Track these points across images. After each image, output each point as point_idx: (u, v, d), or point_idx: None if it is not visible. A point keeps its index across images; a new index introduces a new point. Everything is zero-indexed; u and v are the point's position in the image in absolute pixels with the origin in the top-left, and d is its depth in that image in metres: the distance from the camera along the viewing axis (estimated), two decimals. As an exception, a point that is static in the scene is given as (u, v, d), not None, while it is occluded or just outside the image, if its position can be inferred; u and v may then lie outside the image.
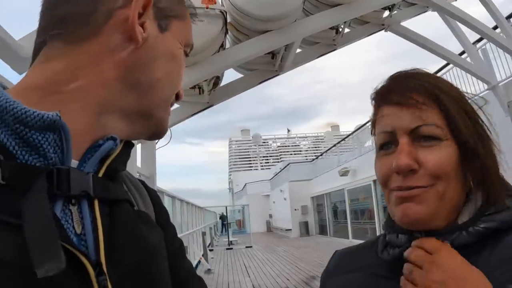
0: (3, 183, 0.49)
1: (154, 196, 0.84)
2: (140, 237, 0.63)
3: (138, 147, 5.97)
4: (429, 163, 0.77)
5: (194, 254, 15.91)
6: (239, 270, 14.64)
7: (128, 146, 0.71)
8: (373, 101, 0.92)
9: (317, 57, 7.26)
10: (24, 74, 0.64)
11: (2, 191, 0.49)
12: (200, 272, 14.46)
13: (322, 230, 28.74)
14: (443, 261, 0.73)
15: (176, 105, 6.52)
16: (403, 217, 0.79)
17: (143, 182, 0.84)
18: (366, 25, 7.48)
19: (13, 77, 2.92)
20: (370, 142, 20.35)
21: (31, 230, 0.46)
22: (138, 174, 5.96)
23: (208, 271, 14.84)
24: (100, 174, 0.62)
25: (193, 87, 5.91)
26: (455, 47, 8.91)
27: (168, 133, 5.57)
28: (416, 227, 0.80)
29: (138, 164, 6.21)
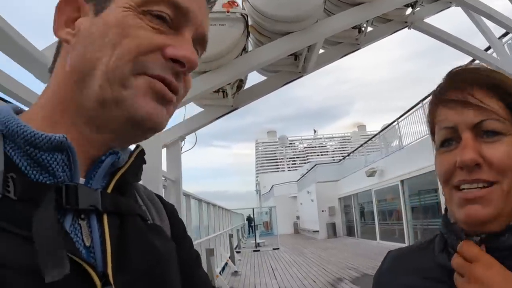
0: (15, 198, 0.53)
1: (170, 209, 0.86)
2: (149, 247, 0.65)
3: (163, 151, 6.02)
4: (494, 158, 0.76)
5: (221, 256, 15.98)
6: (266, 272, 14.63)
7: (140, 159, 0.73)
8: (432, 100, 0.91)
9: (341, 57, 7.21)
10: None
11: (14, 206, 0.53)
12: (227, 274, 14.56)
13: (350, 231, 28.50)
14: (481, 273, 0.73)
15: (200, 109, 6.57)
16: (468, 219, 0.78)
17: (160, 197, 0.86)
18: (389, 23, 7.41)
19: (40, 87, 2.99)
20: (396, 142, 20.12)
21: (40, 241, 0.50)
22: (163, 178, 6.02)
23: (235, 273, 14.88)
24: (110, 189, 0.65)
25: (217, 91, 5.94)
26: (480, 42, 8.73)
27: (193, 137, 5.61)
28: (478, 228, 0.79)
29: (164, 168, 6.27)
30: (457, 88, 0.83)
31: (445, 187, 0.84)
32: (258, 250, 24.04)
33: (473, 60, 11.29)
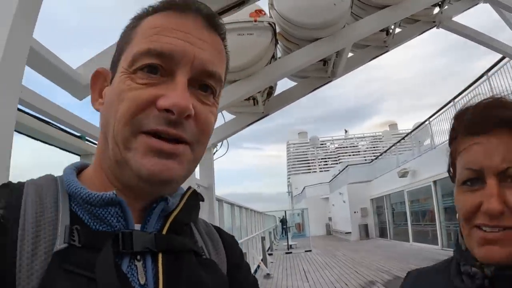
0: (80, 246, 0.65)
1: (228, 240, 0.94)
2: (199, 283, 0.73)
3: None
4: None
5: (253, 259, 16.02)
6: (298, 274, 14.61)
7: (193, 199, 0.82)
8: (455, 129, 0.93)
9: (369, 60, 7.16)
10: (84, 100, 0.88)
11: (80, 252, 0.64)
12: (259, 276, 14.56)
13: (382, 233, 28.17)
14: None
15: (231, 116, 6.67)
16: (486, 259, 0.81)
17: (218, 229, 0.96)
18: (417, 23, 7.30)
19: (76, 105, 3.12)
20: (428, 141, 19.79)
21: (101, 281, 0.61)
22: (197, 185, 6.13)
23: (267, 275, 14.89)
24: (165, 231, 0.75)
25: (248, 99, 6.02)
26: (508, 36, 8.48)
27: (225, 143, 5.69)
28: (495, 264, 0.81)
29: (197, 176, 6.38)
30: (483, 125, 0.83)
31: (465, 224, 0.86)
32: (291, 252, 23.99)
33: (503, 58, 11.09)
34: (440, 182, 17.11)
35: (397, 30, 7.04)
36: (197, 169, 6.48)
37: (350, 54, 6.61)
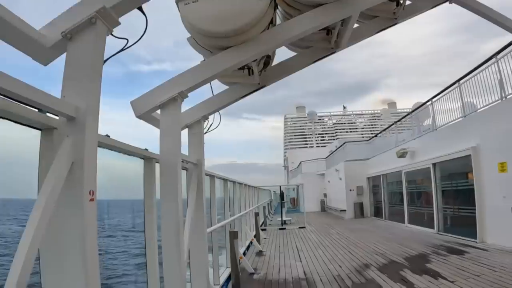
0: None
1: None
2: None
3: (183, 133, 5.69)
4: None
5: (246, 235, 15.79)
6: (291, 253, 14.33)
7: None
8: None
9: (376, 32, 6.75)
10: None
11: None
12: (251, 253, 14.36)
13: (377, 212, 27.98)
14: None
15: (224, 87, 6.18)
16: None
17: None
18: None
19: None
20: (429, 122, 19.40)
21: None
22: (184, 161, 5.70)
23: (260, 253, 14.66)
24: None
25: (242, 68, 5.52)
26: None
27: (217, 116, 5.25)
28: None
29: (186, 149, 5.95)
30: None
31: None
32: (284, 228, 23.80)
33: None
34: (439, 165, 16.78)
35: (408, 2, 6.62)
36: (185, 145, 6.06)
37: (356, 25, 6.15)
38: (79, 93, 2.69)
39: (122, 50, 3.55)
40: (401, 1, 6.36)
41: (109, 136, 3.64)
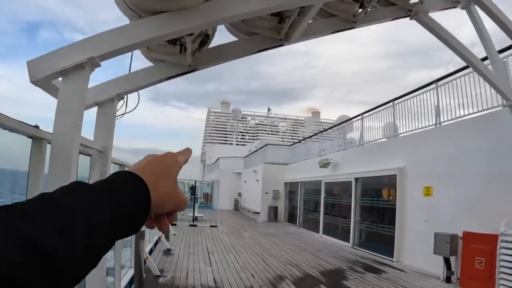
0: None
1: None
2: None
3: (92, 112, 4.60)
4: None
5: (154, 231, 14.64)
6: (201, 255, 13.45)
7: None
8: None
9: (331, 33, 6.12)
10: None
11: None
12: (158, 251, 13.37)
13: (291, 219, 27.79)
14: None
15: (148, 63, 5.13)
16: None
17: None
18: (393, 7, 6.54)
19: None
20: (353, 136, 19.46)
21: None
22: (89, 148, 4.63)
23: (168, 251, 13.67)
24: None
25: (173, 42, 4.49)
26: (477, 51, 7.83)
27: (135, 96, 4.13)
28: None
29: (91, 133, 4.87)
30: None
31: None
32: (195, 225, 22.86)
33: (467, 67, 10.28)
34: (362, 180, 16.65)
35: (370, 9, 6.13)
36: (92, 130, 4.97)
37: (310, 21, 5.41)
38: None
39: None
40: (365, 4, 5.75)
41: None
